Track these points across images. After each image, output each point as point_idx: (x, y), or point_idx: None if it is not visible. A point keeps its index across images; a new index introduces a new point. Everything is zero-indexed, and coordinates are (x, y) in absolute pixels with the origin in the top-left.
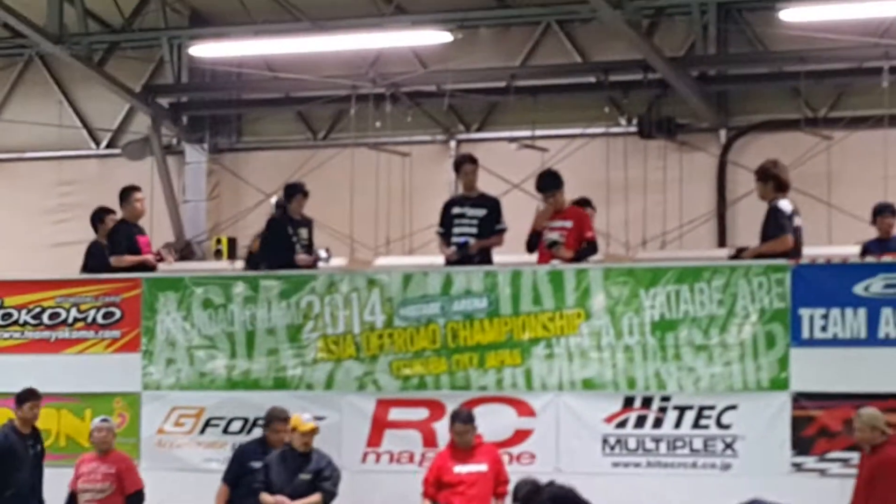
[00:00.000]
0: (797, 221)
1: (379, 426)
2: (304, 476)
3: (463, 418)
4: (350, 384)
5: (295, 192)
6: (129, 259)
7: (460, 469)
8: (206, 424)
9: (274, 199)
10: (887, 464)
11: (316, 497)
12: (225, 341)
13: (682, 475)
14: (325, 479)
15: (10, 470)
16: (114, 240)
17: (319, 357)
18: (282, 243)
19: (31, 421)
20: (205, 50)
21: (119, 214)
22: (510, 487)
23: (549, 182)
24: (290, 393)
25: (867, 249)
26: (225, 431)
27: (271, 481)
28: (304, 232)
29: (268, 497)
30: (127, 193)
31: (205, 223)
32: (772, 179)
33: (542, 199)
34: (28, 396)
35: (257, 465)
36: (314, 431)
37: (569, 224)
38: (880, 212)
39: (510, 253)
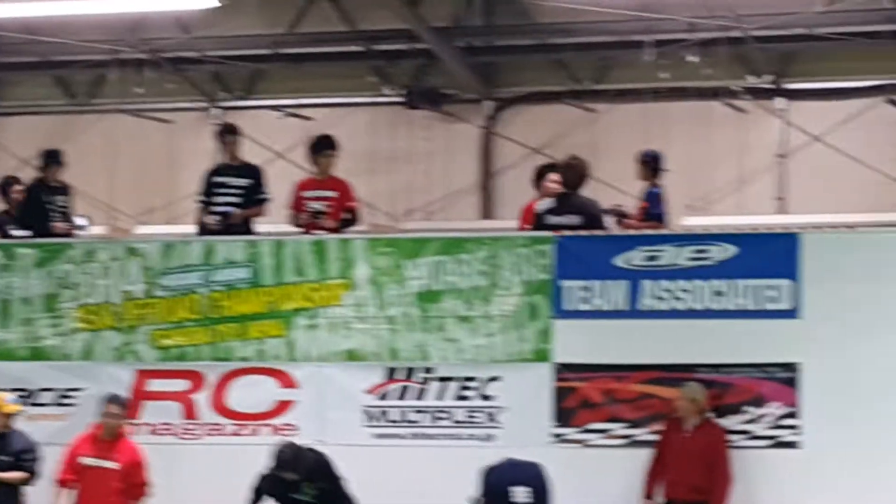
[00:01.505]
0: (554, 220)
1: (138, 397)
2: (5, 457)
3: (121, 402)
4: (109, 354)
5: (51, 158)
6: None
7: (89, 461)
8: None
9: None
10: (720, 438)
11: (22, 473)
12: None
13: (445, 447)
14: (29, 460)
15: None
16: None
17: (77, 327)
18: (37, 211)
19: None
20: None
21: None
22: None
23: (324, 143)
24: (47, 364)
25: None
26: None
27: None
28: (60, 199)
29: None
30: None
31: None
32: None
33: (312, 161)
34: None
35: None
36: (16, 413)
37: (333, 194)
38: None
39: (273, 222)
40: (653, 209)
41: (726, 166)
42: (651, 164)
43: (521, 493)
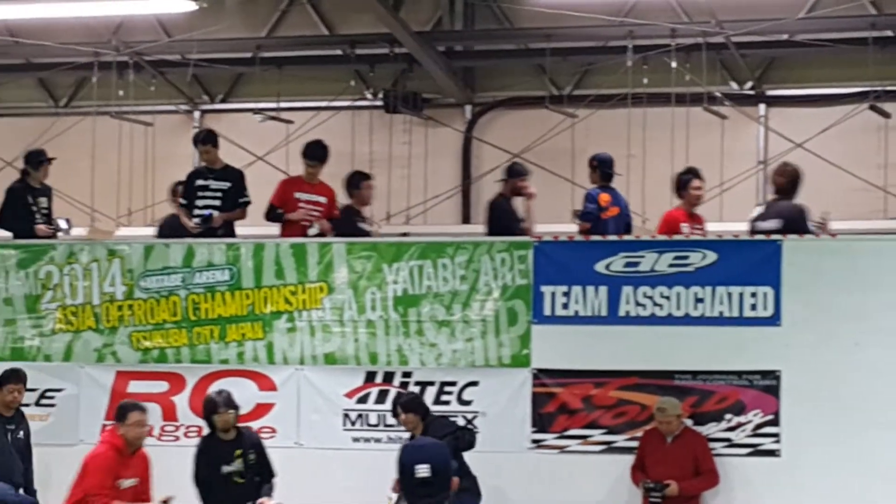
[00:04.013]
0: (760, 225)
1: (118, 398)
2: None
3: (141, 407)
4: (89, 356)
5: (36, 159)
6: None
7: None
8: None
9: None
10: (702, 442)
11: None
12: None
13: None
14: None
15: None
16: None
17: (58, 328)
18: (21, 212)
19: (11, 404)
20: None
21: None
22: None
23: (317, 151)
24: (28, 364)
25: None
26: None
27: None
28: (43, 201)
29: None
30: None
31: None
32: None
33: (306, 166)
34: (7, 378)
35: None
36: None
37: (323, 199)
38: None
39: (254, 225)
40: (583, 208)
41: (707, 173)
42: (599, 168)
43: (422, 469)
